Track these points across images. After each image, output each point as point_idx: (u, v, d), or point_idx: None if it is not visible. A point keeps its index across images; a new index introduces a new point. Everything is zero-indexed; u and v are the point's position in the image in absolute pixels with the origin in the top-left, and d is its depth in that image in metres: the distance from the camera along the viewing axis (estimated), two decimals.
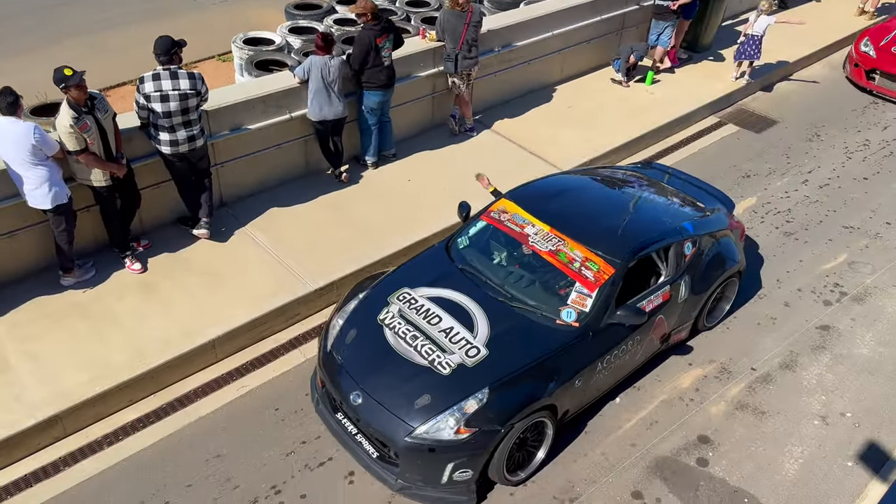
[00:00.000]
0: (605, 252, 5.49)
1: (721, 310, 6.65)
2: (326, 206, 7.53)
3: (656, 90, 10.27)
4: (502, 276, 5.68)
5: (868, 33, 11.28)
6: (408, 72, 8.25)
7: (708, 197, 6.89)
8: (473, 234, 6.10)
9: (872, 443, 5.67)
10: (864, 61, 10.86)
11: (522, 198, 6.14)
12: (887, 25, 11.37)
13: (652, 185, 6.75)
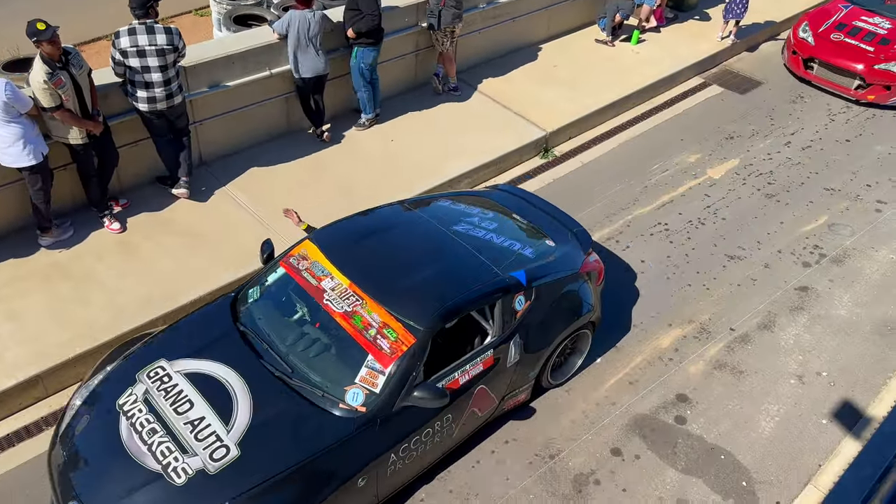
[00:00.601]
0: (406, 315, 4.52)
1: (572, 364, 5.76)
2: (308, 165, 7.44)
3: (642, 50, 10.18)
4: (289, 343, 4.66)
5: (807, 17, 10.44)
6: (391, 28, 8.09)
7: (561, 231, 5.89)
8: (268, 284, 5.04)
9: (847, 401, 5.81)
10: (801, 49, 9.97)
11: (327, 240, 5.08)
12: (827, 9, 10.54)
13: (495, 220, 5.66)
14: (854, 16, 10.18)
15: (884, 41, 9.70)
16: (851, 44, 9.74)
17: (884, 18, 10.05)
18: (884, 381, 5.98)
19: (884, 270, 7.09)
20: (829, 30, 10.01)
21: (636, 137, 8.76)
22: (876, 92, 9.49)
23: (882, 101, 9.52)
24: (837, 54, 9.66)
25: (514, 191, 6.66)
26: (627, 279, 6.75)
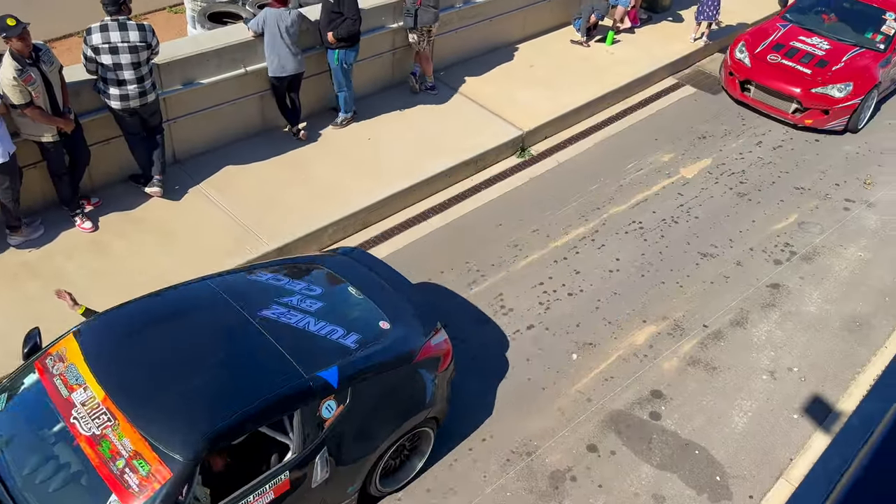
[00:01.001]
0: (162, 442, 3.61)
1: (411, 468, 4.94)
2: (284, 164, 7.40)
3: (616, 50, 10.27)
4: (26, 472, 3.74)
5: (744, 37, 9.89)
6: (367, 26, 8.07)
7: (402, 308, 4.96)
8: (17, 389, 4.09)
9: (817, 396, 5.92)
10: (738, 70, 9.45)
11: (92, 337, 4.12)
12: (765, 28, 10.03)
13: (321, 298, 4.74)
14: (792, 36, 9.70)
15: (822, 63, 9.25)
16: (788, 66, 9.27)
17: (822, 39, 9.60)
18: (852, 375, 6.11)
19: (852, 268, 7.24)
20: (766, 51, 9.50)
21: (611, 137, 8.84)
22: (814, 116, 9.01)
23: (820, 126, 9.06)
24: (774, 77, 9.19)
25: (359, 256, 5.66)
26: (603, 277, 6.82)
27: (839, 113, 8.95)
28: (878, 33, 9.58)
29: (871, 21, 9.73)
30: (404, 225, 7.21)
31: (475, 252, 6.93)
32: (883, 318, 6.67)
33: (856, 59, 9.28)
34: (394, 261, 6.73)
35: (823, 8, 10.19)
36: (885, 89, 9.73)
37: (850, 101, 8.90)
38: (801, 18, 10.05)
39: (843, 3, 10.13)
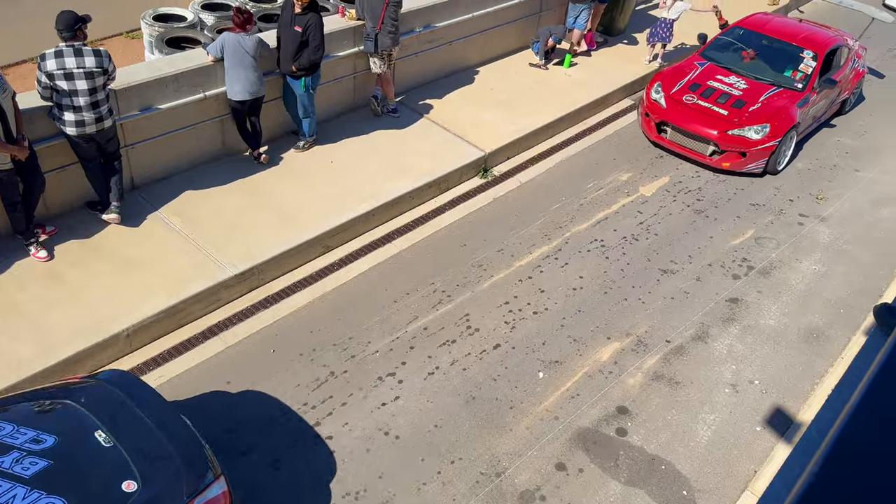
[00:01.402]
0: None
1: None
2: (246, 188, 7.34)
3: (574, 73, 10.47)
4: None
5: (660, 76, 9.54)
6: (328, 51, 8.10)
7: (163, 457, 3.95)
8: None
9: (778, 408, 6.03)
10: (654, 111, 9.10)
11: None
12: (683, 67, 9.69)
13: (48, 454, 3.71)
14: (709, 75, 9.39)
15: (738, 103, 8.91)
16: (704, 107, 8.90)
17: (740, 78, 9.31)
18: (811, 387, 6.24)
19: (807, 281, 7.43)
20: (682, 91, 9.13)
21: (571, 157, 8.98)
22: (731, 159, 8.67)
23: (738, 169, 8.74)
24: (690, 118, 8.80)
25: (123, 383, 4.45)
26: (567, 295, 6.88)
27: (757, 155, 8.64)
28: (797, 72, 9.37)
29: (790, 59, 9.55)
30: (368, 248, 7.19)
31: (440, 273, 6.94)
32: (838, 330, 6.84)
33: (773, 100, 8.98)
34: (358, 284, 6.73)
35: (742, 45, 9.98)
36: (805, 129, 9.51)
37: (767, 142, 8.59)
38: (719, 56, 9.82)
39: (761, 40, 9.91)
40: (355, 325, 6.30)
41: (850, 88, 10.35)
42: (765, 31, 9.96)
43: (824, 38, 9.78)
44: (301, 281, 6.70)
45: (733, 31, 10.15)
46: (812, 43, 9.61)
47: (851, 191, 8.94)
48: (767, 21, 10.25)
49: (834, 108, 10.19)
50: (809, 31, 10.08)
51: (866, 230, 8.27)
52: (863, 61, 10.61)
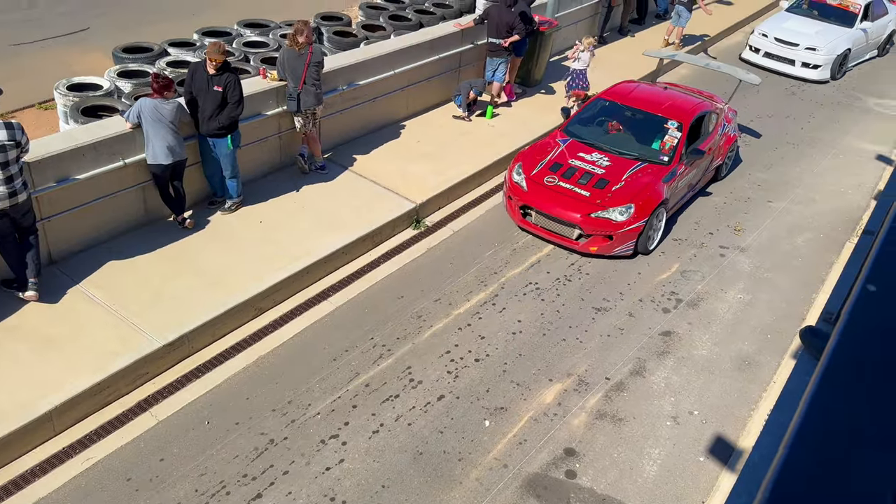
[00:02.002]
0: None
1: None
2: (171, 255, 7.13)
3: (496, 123, 10.76)
4: None
5: (522, 156, 8.86)
6: (252, 111, 8.08)
7: None
8: None
9: (719, 436, 6.15)
10: (516, 194, 8.43)
11: None
12: (544, 145, 9.03)
13: None
14: (571, 153, 8.77)
15: (601, 183, 8.30)
16: (566, 188, 8.26)
17: (603, 154, 8.71)
18: (748, 413, 6.41)
19: (734, 310, 7.71)
20: (543, 172, 8.48)
21: (500, 204, 9.14)
22: (597, 243, 8.05)
23: (607, 252, 8.12)
24: (552, 202, 8.16)
25: None
26: (507, 340, 6.90)
27: (624, 238, 8.05)
28: (663, 143, 8.87)
29: (655, 131, 9.04)
30: (303, 306, 7.07)
31: (379, 327, 6.87)
32: (768, 355, 7.09)
33: (638, 176, 8.40)
34: (294, 345, 6.57)
35: (606, 118, 9.47)
36: (676, 202, 8.99)
37: (633, 223, 8.00)
38: (582, 131, 9.24)
39: (625, 112, 9.40)
40: (294, 387, 6.13)
41: (724, 154, 9.92)
42: (628, 102, 9.48)
43: (690, 106, 9.37)
44: (234, 346, 6.50)
45: (596, 104, 9.65)
46: (677, 112, 9.17)
47: (766, 221, 9.41)
48: (631, 90, 9.77)
49: (708, 175, 9.77)
50: (675, 98, 9.62)
51: (784, 258, 8.68)
52: (734, 125, 10.24)
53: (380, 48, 9.96)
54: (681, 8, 14.04)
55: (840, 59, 14.29)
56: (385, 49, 9.92)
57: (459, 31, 10.93)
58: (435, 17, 11.95)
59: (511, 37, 10.48)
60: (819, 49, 14.06)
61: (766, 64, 14.48)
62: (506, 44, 10.55)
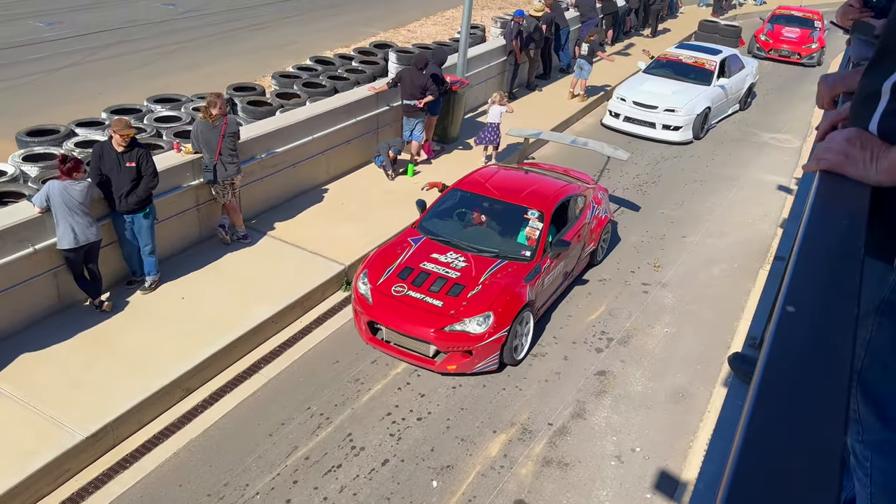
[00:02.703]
0: None
1: None
2: (89, 340, 6.79)
3: (418, 180, 10.90)
4: None
5: (369, 263, 7.65)
6: (168, 186, 7.91)
7: None
8: None
9: (663, 471, 6.22)
10: (362, 307, 7.21)
11: None
12: (394, 247, 7.81)
13: None
14: (424, 254, 7.61)
15: (455, 289, 7.17)
16: (416, 299, 7.08)
17: (459, 254, 7.57)
18: (688, 444, 6.53)
19: (663, 344, 7.92)
20: (390, 280, 7.31)
21: None
22: (456, 360, 6.89)
23: (468, 370, 6.96)
24: (400, 316, 6.98)
25: None
26: (447, 395, 6.84)
27: (485, 351, 6.91)
28: (521, 237, 7.92)
29: (515, 223, 8.07)
30: (234, 382, 6.82)
31: (316, 395, 6.69)
32: (700, 385, 7.29)
33: (497, 278, 7.31)
34: (227, 423, 6.31)
35: (463, 210, 8.46)
36: (545, 300, 8.00)
37: (494, 334, 6.88)
38: (437, 227, 8.15)
39: (482, 202, 8.40)
40: (229, 468, 5.85)
41: (596, 239, 9.03)
42: (485, 192, 8.49)
43: (553, 191, 8.48)
44: (162, 431, 6.18)
45: (453, 195, 8.61)
46: (538, 199, 8.23)
47: (683, 255, 9.80)
48: (489, 177, 8.79)
49: (582, 263, 8.87)
50: (537, 184, 8.69)
51: (703, 289, 9.04)
52: (604, 205, 9.42)
53: (296, 115, 10.00)
54: (582, 61, 14.78)
55: (701, 119, 13.80)
56: (302, 115, 9.97)
57: (374, 94, 11.13)
58: (349, 82, 12.14)
59: (425, 97, 10.74)
60: (678, 110, 13.50)
61: (627, 129, 13.82)
62: (421, 104, 10.79)
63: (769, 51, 20.09)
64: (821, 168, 1.45)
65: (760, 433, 0.80)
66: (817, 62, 19.84)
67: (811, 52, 19.78)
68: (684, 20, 23.07)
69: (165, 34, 18.34)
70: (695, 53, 15.27)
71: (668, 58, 15.32)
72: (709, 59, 14.91)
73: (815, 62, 19.81)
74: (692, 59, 14.99)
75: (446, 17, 21.87)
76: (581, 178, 9.71)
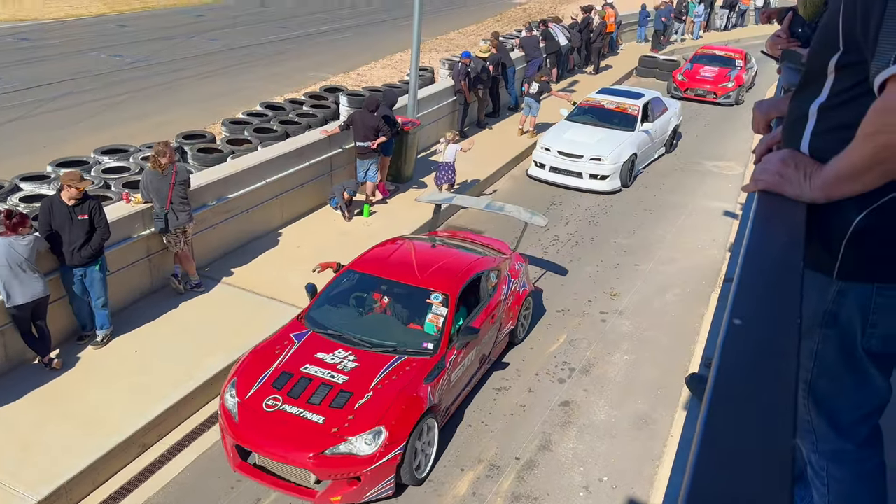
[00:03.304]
0: None
1: None
2: (39, 400, 6.54)
3: (374, 220, 10.93)
4: None
5: (241, 368, 6.34)
6: (118, 237, 7.76)
7: None
8: None
9: (631, 499, 6.24)
10: (229, 425, 5.91)
11: None
12: (273, 345, 6.56)
13: None
14: (306, 354, 6.37)
15: (341, 398, 5.93)
16: (291, 413, 5.82)
17: (349, 351, 6.39)
18: (653, 470, 6.57)
19: (624, 371, 8.01)
20: (263, 390, 6.02)
21: None
22: (341, 490, 5.65)
23: (356, 501, 5.72)
24: (272, 437, 5.70)
25: None
26: None
27: (377, 476, 5.69)
28: (425, 325, 6.76)
29: (415, 309, 6.93)
30: (192, 435, 6.63)
31: None
32: (662, 411, 7.37)
33: (391, 380, 6.11)
34: (186, 478, 6.13)
35: (356, 295, 7.22)
36: (455, 398, 6.80)
37: (387, 454, 5.67)
38: (325, 319, 6.85)
39: (379, 286, 7.24)
40: None
41: (514, 317, 7.91)
42: (383, 272, 7.32)
43: (461, 268, 7.36)
44: (119, 491, 5.96)
45: (347, 277, 7.41)
46: (442, 279, 7.08)
47: (637, 283, 9.99)
48: (391, 253, 7.69)
49: (500, 346, 7.81)
50: (444, 259, 7.54)
51: (658, 316, 9.20)
52: (522, 278, 8.27)
53: (248, 160, 9.97)
54: (530, 100, 15.15)
55: (629, 166, 13.24)
56: (254, 160, 9.94)
57: (327, 137, 11.18)
58: (301, 126, 12.17)
59: (378, 139, 10.84)
60: (604, 158, 12.88)
61: (553, 179, 13.16)
62: (374, 146, 10.88)
63: (685, 90, 19.43)
64: (759, 188, 1.53)
65: (715, 435, 0.83)
66: (735, 101, 19.37)
67: (727, 91, 19.28)
68: (625, 56, 23.89)
69: (113, 85, 18.18)
70: (617, 98, 14.67)
71: (590, 104, 14.73)
72: (631, 103, 14.35)
73: (732, 101, 19.32)
74: (614, 104, 14.44)
75: (395, 61, 22.21)
76: (497, 246, 8.74)
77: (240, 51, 22.74)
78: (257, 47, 23.46)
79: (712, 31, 29.15)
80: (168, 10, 29.67)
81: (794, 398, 0.93)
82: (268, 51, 23.03)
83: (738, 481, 0.80)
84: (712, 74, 19.62)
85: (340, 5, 32.72)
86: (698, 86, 19.45)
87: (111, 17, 27.46)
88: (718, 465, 0.83)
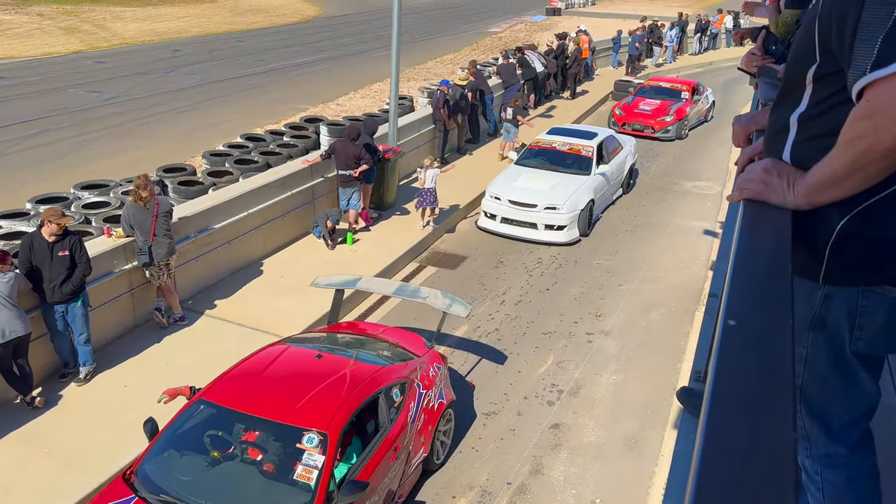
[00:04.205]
0: None
1: None
2: (20, 440, 6.40)
3: (358, 248, 10.92)
4: None
5: None
6: (100, 272, 7.68)
7: None
8: None
9: None
10: None
11: None
12: None
13: None
14: None
15: None
16: None
17: None
18: (646, 490, 6.55)
19: (611, 392, 8.01)
20: None
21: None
22: None
23: None
24: None
25: None
26: None
27: None
28: (295, 481, 4.95)
29: (283, 455, 5.19)
30: None
31: None
32: (651, 430, 7.37)
33: None
34: None
35: (207, 435, 5.40)
36: None
37: None
38: (161, 473, 5.19)
39: (235, 422, 5.46)
40: None
41: (428, 440, 6.32)
42: (244, 404, 5.48)
43: (348, 391, 5.53)
44: None
45: (196, 409, 5.59)
46: (320, 411, 5.29)
47: (622, 303, 10.04)
48: (260, 371, 5.83)
49: (412, 478, 6.24)
50: (329, 377, 5.71)
51: (644, 335, 9.24)
52: (440, 387, 6.74)
53: (230, 191, 9.96)
54: (508, 125, 15.34)
55: (586, 213, 12.02)
56: (236, 192, 9.93)
57: (308, 166, 11.20)
58: (281, 156, 12.19)
59: (360, 167, 10.88)
60: (560, 207, 11.64)
61: (505, 231, 11.89)
62: (356, 174, 10.92)
63: (622, 125, 18.07)
64: (744, 197, 1.57)
65: (719, 432, 0.85)
66: (676, 136, 18.05)
67: (665, 125, 17.94)
68: (600, 81, 24.27)
69: (91, 121, 18.11)
70: (569, 139, 13.50)
71: (540, 146, 13.54)
72: (585, 144, 13.24)
73: (672, 136, 17.97)
74: (567, 145, 13.27)
75: (374, 90, 22.38)
76: (407, 344, 6.99)
77: (217, 84, 22.80)
78: (235, 80, 23.54)
79: (687, 54, 29.70)
80: (145, 45, 29.73)
81: (794, 399, 0.95)
82: (246, 84, 23.11)
83: (744, 481, 0.81)
84: (651, 108, 18.36)
85: (320, 38, 33.00)
86: (635, 120, 18.18)
87: (88, 53, 27.45)
88: (723, 467, 0.84)
